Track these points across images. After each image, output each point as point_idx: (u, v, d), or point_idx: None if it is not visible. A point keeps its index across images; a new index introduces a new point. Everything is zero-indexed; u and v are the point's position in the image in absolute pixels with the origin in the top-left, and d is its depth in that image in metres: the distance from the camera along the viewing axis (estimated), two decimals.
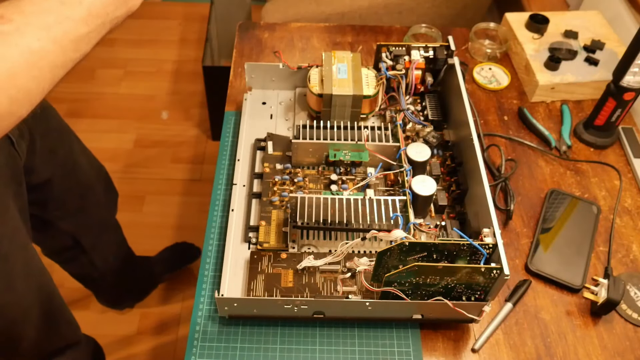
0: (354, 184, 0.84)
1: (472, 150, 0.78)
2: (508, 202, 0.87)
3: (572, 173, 0.93)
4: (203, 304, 0.76)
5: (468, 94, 0.86)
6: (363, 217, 0.76)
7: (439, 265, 0.64)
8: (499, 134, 0.98)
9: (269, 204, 0.81)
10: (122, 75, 2.18)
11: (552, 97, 1.04)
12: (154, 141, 1.97)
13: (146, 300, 1.56)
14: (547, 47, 1.06)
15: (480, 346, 0.73)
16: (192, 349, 0.72)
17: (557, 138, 0.98)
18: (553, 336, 0.75)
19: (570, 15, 1.14)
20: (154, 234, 1.71)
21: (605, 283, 0.76)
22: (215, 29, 1.99)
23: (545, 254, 0.82)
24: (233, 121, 0.98)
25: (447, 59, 0.90)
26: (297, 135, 0.86)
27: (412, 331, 0.74)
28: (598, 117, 0.95)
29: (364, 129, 0.86)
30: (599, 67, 1.04)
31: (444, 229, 0.80)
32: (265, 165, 0.86)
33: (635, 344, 0.75)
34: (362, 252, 0.77)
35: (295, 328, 0.74)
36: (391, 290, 0.68)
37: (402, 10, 1.47)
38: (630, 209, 0.89)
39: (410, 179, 0.79)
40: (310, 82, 0.90)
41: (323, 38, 1.15)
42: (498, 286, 0.67)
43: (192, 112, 2.07)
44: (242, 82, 1.04)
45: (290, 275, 0.74)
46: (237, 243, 0.79)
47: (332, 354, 0.72)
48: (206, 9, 1.94)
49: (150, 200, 1.81)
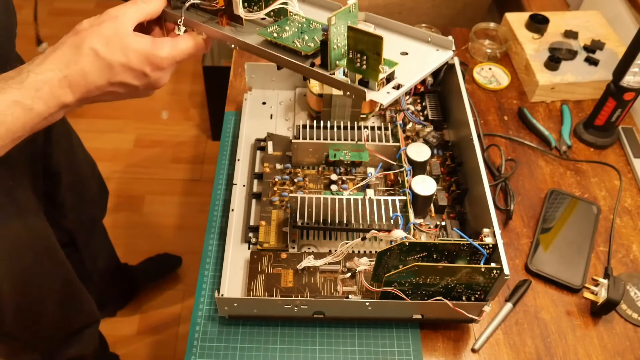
0: (354, 184, 0.84)
1: (472, 150, 0.78)
2: (508, 202, 0.87)
3: (572, 173, 0.93)
4: (203, 304, 0.76)
5: (468, 94, 0.86)
6: (363, 217, 0.76)
7: (439, 265, 0.64)
8: (499, 134, 0.98)
9: (269, 204, 0.81)
10: None
11: (552, 97, 1.04)
12: (154, 141, 1.97)
13: (146, 300, 1.56)
14: (547, 47, 1.06)
15: (480, 346, 0.73)
16: (192, 349, 0.72)
17: (557, 138, 0.98)
18: (553, 336, 0.75)
19: (570, 15, 1.14)
20: (154, 234, 1.71)
21: (605, 283, 0.76)
22: None
23: (545, 254, 0.82)
24: (233, 121, 0.98)
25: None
26: (297, 135, 0.86)
27: (412, 331, 0.74)
28: (598, 117, 0.95)
29: (364, 129, 0.86)
30: (599, 67, 1.04)
31: (444, 229, 0.80)
32: (265, 165, 0.86)
33: (635, 344, 0.75)
34: (362, 252, 0.77)
35: (295, 328, 0.74)
36: (391, 290, 0.68)
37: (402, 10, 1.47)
38: (630, 209, 0.89)
39: (410, 179, 0.79)
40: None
41: None
42: (498, 286, 0.67)
43: (192, 112, 2.07)
44: (242, 82, 1.04)
45: (290, 275, 0.74)
46: (237, 243, 0.79)
47: (332, 354, 0.72)
48: None
49: (150, 200, 1.81)
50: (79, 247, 1.18)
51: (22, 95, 0.50)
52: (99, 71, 0.53)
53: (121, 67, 0.53)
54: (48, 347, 1.04)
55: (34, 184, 0.90)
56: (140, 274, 1.56)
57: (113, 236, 1.39)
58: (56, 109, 0.53)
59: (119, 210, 1.76)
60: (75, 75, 0.52)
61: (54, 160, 0.97)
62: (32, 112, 0.51)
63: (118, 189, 1.82)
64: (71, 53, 0.52)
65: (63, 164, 1.01)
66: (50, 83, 0.51)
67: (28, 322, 0.95)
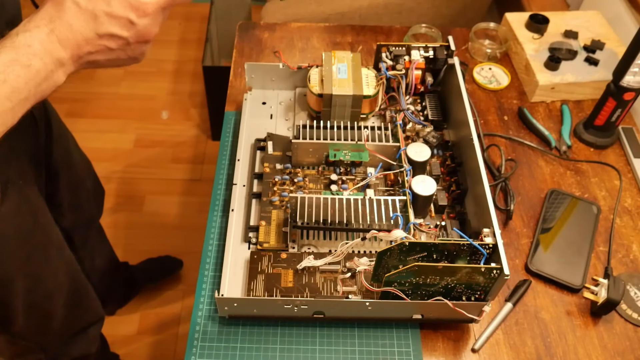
0: (354, 184, 0.84)
1: (472, 150, 0.78)
2: (508, 202, 0.87)
3: (572, 173, 0.93)
4: (203, 304, 0.76)
5: (468, 94, 0.86)
6: (363, 217, 0.76)
7: (439, 265, 0.64)
8: (499, 134, 0.98)
9: (269, 204, 0.81)
10: (122, 75, 2.17)
11: (552, 97, 1.04)
12: (154, 141, 1.97)
13: (146, 300, 1.56)
14: (547, 47, 1.06)
15: (480, 346, 0.73)
16: (192, 349, 0.72)
17: (557, 138, 0.98)
18: (553, 336, 0.75)
19: (570, 15, 1.14)
20: (154, 234, 1.71)
21: (605, 283, 0.76)
22: (215, 29, 1.99)
23: (545, 254, 0.82)
24: (233, 121, 0.98)
25: (447, 59, 0.90)
26: (297, 135, 0.86)
27: (412, 331, 0.74)
28: (598, 117, 0.95)
29: (364, 129, 0.86)
30: (599, 67, 1.04)
31: (444, 229, 0.80)
32: (265, 165, 0.86)
33: (635, 344, 0.75)
34: (362, 252, 0.77)
35: (295, 328, 0.74)
36: (391, 290, 0.68)
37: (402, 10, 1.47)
38: (630, 209, 0.89)
39: (410, 179, 0.79)
40: (310, 82, 0.90)
41: (323, 38, 1.15)
42: (498, 286, 0.67)
43: (192, 112, 2.07)
44: (242, 82, 1.04)
45: (290, 275, 0.74)
46: (237, 243, 0.79)
47: (332, 354, 0.72)
48: (206, 9, 1.94)
49: (150, 200, 1.81)
50: (77, 246, 1.18)
51: (17, 54, 0.51)
52: (84, 22, 0.53)
53: (105, 15, 0.54)
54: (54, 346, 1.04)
55: (38, 184, 0.90)
56: (139, 273, 1.56)
57: (113, 236, 1.39)
58: (53, 66, 0.53)
59: (119, 210, 1.76)
60: (61, 28, 0.53)
61: (54, 158, 0.98)
62: (31, 69, 0.52)
63: (118, 189, 1.82)
64: (54, 9, 0.53)
65: (62, 164, 1.01)
66: (39, 38, 0.52)
67: (37, 321, 0.95)
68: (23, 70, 0.51)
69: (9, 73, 0.50)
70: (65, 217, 1.10)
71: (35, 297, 0.90)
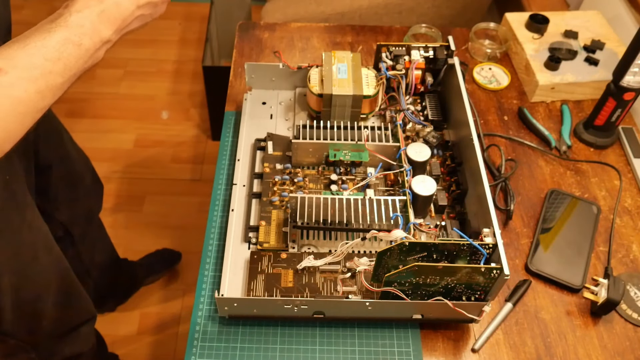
0: (354, 184, 0.84)
1: (472, 150, 0.78)
2: (508, 202, 0.87)
3: (572, 173, 0.93)
4: (203, 304, 0.76)
5: (468, 94, 0.86)
6: (363, 217, 0.76)
7: (439, 265, 0.64)
8: (499, 134, 0.98)
9: (269, 204, 0.81)
10: (122, 75, 2.18)
11: (552, 97, 1.04)
12: (154, 141, 1.97)
13: (146, 300, 1.56)
14: (547, 47, 1.06)
15: (480, 346, 0.73)
16: (192, 349, 0.72)
17: (557, 138, 0.98)
18: (553, 336, 0.75)
19: (570, 15, 1.14)
20: (154, 234, 1.71)
21: (605, 283, 0.76)
22: (215, 29, 1.99)
23: (545, 254, 0.82)
24: (233, 121, 0.98)
25: (447, 59, 0.90)
26: (297, 135, 0.86)
27: (412, 331, 0.75)
28: (598, 117, 0.95)
29: (364, 129, 0.86)
30: (599, 67, 1.04)
31: (444, 229, 0.80)
32: (265, 165, 0.86)
33: (635, 344, 0.75)
34: (362, 252, 0.77)
35: (295, 328, 0.74)
36: (391, 290, 0.68)
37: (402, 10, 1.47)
38: (630, 209, 0.89)
39: (410, 179, 0.79)
40: (310, 82, 0.90)
41: (323, 38, 1.15)
42: (498, 286, 0.67)
43: (192, 112, 2.07)
44: (242, 82, 1.04)
45: (290, 275, 0.74)
46: (237, 243, 0.79)
47: (332, 354, 0.72)
48: (206, 9, 1.94)
49: (150, 200, 1.81)
50: (75, 240, 1.18)
51: (70, 33, 0.56)
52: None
53: None
54: (45, 345, 1.04)
55: (28, 181, 0.90)
56: (139, 268, 1.55)
57: (113, 236, 1.39)
58: (100, 44, 0.59)
59: (119, 210, 1.76)
60: (110, 7, 0.59)
61: (42, 155, 0.98)
62: (81, 47, 0.57)
63: (118, 189, 1.82)
64: None
65: (53, 158, 1.02)
66: (90, 19, 0.57)
67: (26, 320, 0.95)
68: (75, 49, 0.56)
69: (63, 52, 0.55)
70: (62, 211, 1.10)
71: (23, 295, 0.90)
